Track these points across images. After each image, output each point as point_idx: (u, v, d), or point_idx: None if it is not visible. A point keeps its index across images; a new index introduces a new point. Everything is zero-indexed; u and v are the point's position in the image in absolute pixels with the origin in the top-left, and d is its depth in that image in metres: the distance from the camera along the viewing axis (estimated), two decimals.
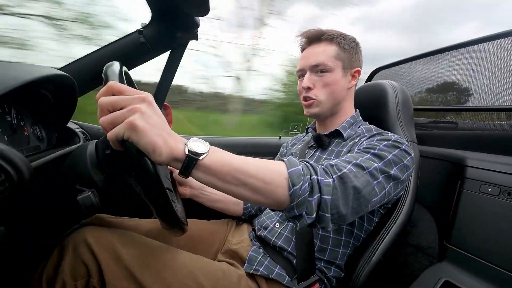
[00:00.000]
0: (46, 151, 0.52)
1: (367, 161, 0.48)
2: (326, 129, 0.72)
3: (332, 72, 0.64)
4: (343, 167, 0.45)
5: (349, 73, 0.67)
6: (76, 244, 0.50)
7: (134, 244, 0.54)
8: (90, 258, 0.50)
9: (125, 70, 0.53)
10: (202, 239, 0.74)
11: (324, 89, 0.66)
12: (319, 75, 0.65)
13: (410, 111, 0.77)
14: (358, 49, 0.68)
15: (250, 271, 0.62)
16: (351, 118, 0.70)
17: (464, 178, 0.73)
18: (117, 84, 0.35)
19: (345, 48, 0.65)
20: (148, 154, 0.35)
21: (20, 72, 0.45)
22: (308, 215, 0.41)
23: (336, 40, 0.65)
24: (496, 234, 0.64)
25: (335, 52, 0.64)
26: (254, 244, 0.71)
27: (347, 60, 0.66)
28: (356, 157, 0.49)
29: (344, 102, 0.69)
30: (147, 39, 0.79)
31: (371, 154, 0.51)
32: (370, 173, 0.47)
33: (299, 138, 0.88)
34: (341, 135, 0.68)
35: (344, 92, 0.68)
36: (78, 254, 0.50)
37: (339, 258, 0.63)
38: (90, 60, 0.79)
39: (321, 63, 0.64)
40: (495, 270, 0.62)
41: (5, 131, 0.49)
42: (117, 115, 0.34)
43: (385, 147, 0.53)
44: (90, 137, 0.85)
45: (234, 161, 0.39)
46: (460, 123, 1.00)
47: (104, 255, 0.50)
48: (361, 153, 0.52)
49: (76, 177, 0.51)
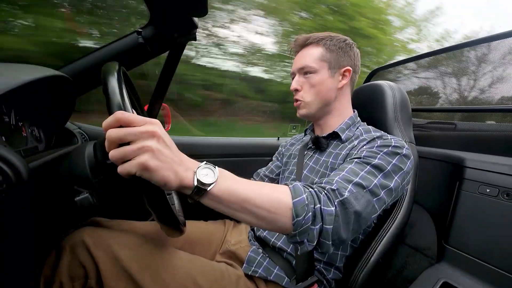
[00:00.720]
0: (44, 152, 0.52)
1: (367, 178, 0.49)
2: (323, 131, 0.72)
3: (317, 73, 0.66)
4: (344, 190, 0.46)
5: (337, 73, 0.68)
6: (73, 245, 0.50)
7: (132, 245, 0.54)
8: (87, 259, 0.50)
9: (124, 71, 0.53)
10: (200, 240, 0.74)
11: (311, 90, 0.67)
12: (306, 76, 0.68)
13: (408, 111, 0.77)
14: (348, 48, 0.68)
15: (249, 272, 0.62)
16: (349, 119, 0.70)
17: (462, 179, 0.73)
18: (124, 114, 0.35)
19: (331, 49, 0.67)
20: (159, 186, 0.36)
21: (18, 73, 0.45)
22: (309, 242, 0.43)
23: (322, 42, 0.67)
24: (495, 235, 0.64)
25: (320, 54, 0.66)
26: (253, 244, 0.71)
27: (334, 61, 0.67)
28: (356, 172, 0.50)
29: (336, 102, 0.70)
30: (145, 40, 0.79)
31: (371, 166, 0.51)
32: (370, 191, 0.48)
33: (298, 139, 0.88)
34: (339, 137, 0.68)
35: (333, 92, 0.68)
36: (75, 255, 0.50)
37: (338, 260, 0.62)
38: (88, 60, 0.79)
39: (305, 65, 0.67)
40: (494, 271, 0.62)
41: (3, 132, 0.49)
42: (128, 152, 0.34)
43: (385, 155, 0.53)
44: (88, 138, 0.85)
45: (241, 191, 0.40)
46: (459, 124, 1.01)
47: (101, 256, 0.50)
48: (361, 165, 0.52)
49: (74, 178, 0.51)
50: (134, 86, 0.68)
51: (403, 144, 0.57)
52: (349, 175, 0.49)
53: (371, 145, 0.58)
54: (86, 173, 0.51)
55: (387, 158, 0.53)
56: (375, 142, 0.58)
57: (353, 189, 0.46)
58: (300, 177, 0.70)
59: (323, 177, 0.62)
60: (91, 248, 0.50)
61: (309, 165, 0.70)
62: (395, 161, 0.53)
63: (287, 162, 0.81)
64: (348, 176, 0.49)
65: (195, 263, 0.58)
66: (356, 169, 0.51)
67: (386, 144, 0.56)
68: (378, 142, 0.58)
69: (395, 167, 0.52)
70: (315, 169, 0.67)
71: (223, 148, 1.19)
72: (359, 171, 0.50)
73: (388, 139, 0.58)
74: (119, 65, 0.46)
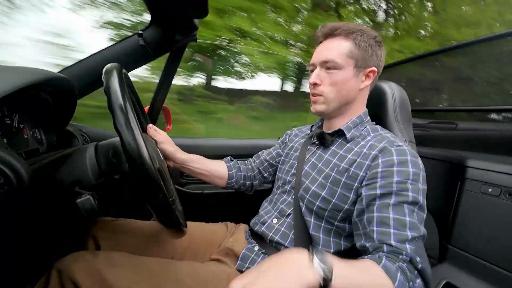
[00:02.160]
0: (45, 154, 0.52)
1: (412, 223, 0.49)
2: (330, 128, 0.69)
3: (342, 70, 0.61)
4: (414, 255, 0.46)
5: (362, 72, 0.62)
6: (60, 271, 0.50)
7: (121, 264, 0.54)
8: (71, 287, 0.49)
9: (125, 73, 0.54)
10: (201, 241, 0.74)
11: (332, 87, 0.62)
12: (328, 72, 0.62)
13: (408, 111, 0.77)
14: (377, 47, 0.63)
15: (242, 269, 0.63)
16: (357, 118, 0.66)
17: (464, 178, 0.73)
18: None
19: (361, 46, 0.60)
20: None
21: (19, 75, 0.45)
22: None
23: (351, 36, 0.60)
24: (497, 235, 0.63)
25: (348, 49, 0.60)
26: (249, 242, 0.71)
27: (361, 59, 0.61)
28: (402, 221, 0.49)
29: (354, 103, 0.66)
30: (146, 42, 0.80)
31: (408, 204, 0.51)
32: (423, 236, 0.50)
33: (304, 131, 0.85)
34: (344, 135, 0.65)
35: (354, 92, 0.64)
36: (60, 281, 0.50)
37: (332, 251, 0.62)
38: (89, 62, 0.79)
39: (330, 59, 0.61)
40: (496, 271, 0.61)
41: (4, 134, 0.49)
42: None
43: (411, 186, 0.52)
44: (89, 140, 0.85)
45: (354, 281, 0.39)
46: (460, 123, 1.01)
47: (86, 281, 0.50)
48: (399, 206, 0.51)
49: (75, 180, 0.51)
50: (135, 88, 0.68)
51: (417, 158, 0.56)
52: (399, 231, 0.49)
53: (389, 170, 0.54)
54: (87, 175, 0.51)
55: (415, 187, 0.52)
56: (393, 168, 0.54)
57: (413, 246, 0.47)
58: (300, 173, 0.68)
59: (327, 178, 0.62)
60: (76, 274, 0.49)
61: (311, 161, 0.69)
62: (421, 185, 0.53)
63: (288, 154, 0.79)
64: (400, 234, 0.48)
65: (184, 269, 0.58)
66: (399, 217, 0.50)
67: (406, 172, 0.53)
68: (397, 167, 0.54)
69: (423, 191, 0.53)
70: (318, 167, 0.66)
71: (223, 149, 1.19)
72: (402, 217, 0.50)
73: (406, 164, 0.54)
74: (120, 67, 0.46)
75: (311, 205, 0.62)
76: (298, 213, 0.65)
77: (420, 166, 0.55)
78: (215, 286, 0.57)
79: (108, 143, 0.56)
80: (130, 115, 0.40)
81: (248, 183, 0.86)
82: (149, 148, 0.43)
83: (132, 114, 0.41)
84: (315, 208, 0.62)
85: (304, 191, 0.64)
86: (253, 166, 0.87)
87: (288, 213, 0.67)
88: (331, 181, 0.61)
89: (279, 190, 0.76)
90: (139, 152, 0.39)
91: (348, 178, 0.58)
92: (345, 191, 0.58)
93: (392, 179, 0.53)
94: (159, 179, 0.41)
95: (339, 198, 0.59)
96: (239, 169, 0.85)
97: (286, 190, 0.72)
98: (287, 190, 0.72)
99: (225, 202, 1.19)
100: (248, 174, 0.86)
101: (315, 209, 0.62)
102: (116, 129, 0.39)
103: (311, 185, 0.63)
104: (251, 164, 0.88)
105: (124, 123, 0.39)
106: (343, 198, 0.58)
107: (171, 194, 0.57)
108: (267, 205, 0.76)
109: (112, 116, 0.40)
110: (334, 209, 0.59)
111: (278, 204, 0.72)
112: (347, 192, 0.58)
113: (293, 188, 0.70)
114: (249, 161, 0.89)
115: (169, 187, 0.56)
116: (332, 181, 0.60)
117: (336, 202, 0.59)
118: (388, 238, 0.48)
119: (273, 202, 0.75)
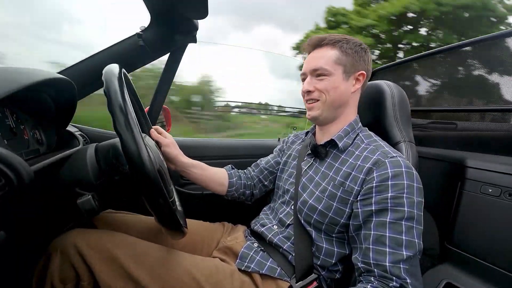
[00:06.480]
0: (46, 155, 0.52)
1: (408, 241, 0.50)
2: (324, 136, 0.71)
3: (332, 76, 0.64)
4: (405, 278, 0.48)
5: (352, 76, 0.66)
6: (64, 248, 0.50)
7: (126, 244, 0.55)
8: (79, 261, 0.50)
9: (124, 73, 0.54)
10: (200, 237, 0.76)
11: (324, 92, 0.65)
12: (318, 78, 0.65)
13: (407, 111, 0.76)
14: (363, 52, 0.66)
15: (242, 268, 0.64)
16: (348, 126, 0.68)
17: (464, 179, 0.73)
18: None
19: (347, 52, 0.64)
20: None
21: (19, 76, 0.45)
22: None
23: (338, 44, 0.64)
24: (498, 235, 0.63)
25: (335, 57, 0.64)
26: (248, 240, 0.72)
27: (350, 64, 0.64)
28: (397, 240, 0.50)
29: (347, 107, 0.68)
30: (146, 42, 0.80)
31: (405, 221, 0.51)
32: (419, 252, 0.51)
33: (300, 137, 0.87)
34: (337, 145, 0.66)
35: (346, 96, 0.66)
36: (66, 257, 0.50)
37: (337, 260, 0.63)
38: (89, 63, 0.79)
39: (319, 67, 0.64)
40: (497, 272, 0.61)
41: (5, 135, 0.49)
42: None
43: (406, 200, 0.52)
44: (89, 140, 0.85)
45: None
46: (460, 123, 1.00)
47: (95, 256, 0.50)
48: (396, 224, 0.51)
49: (75, 181, 0.51)
50: (134, 89, 0.69)
51: (411, 169, 0.55)
52: (395, 250, 0.49)
53: (386, 184, 0.54)
54: (87, 175, 0.51)
55: (410, 201, 0.52)
56: (388, 182, 0.54)
57: (407, 266, 0.48)
58: (298, 185, 0.70)
59: (323, 192, 0.62)
60: (83, 250, 0.50)
61: (308, 173, 0.70)
62: (417, 199, 0.53)
63: (286, 162, 0.81)
64: (395, 253, 0.49)
65: (189, 259, 0.60)
66: (395, 236, 0.50)
67: (400, 186, 0.53)
68: (392, 181, 0.54)
69: (419, 205, 0.53)
70: (314, 180, 0.67)
71: (224, 149, 1.19)
72: (399, 236, 0.50)
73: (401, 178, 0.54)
74: (120, 67, 0.46)
75: (308, 218, 0.64)
76: (298, 224, 0.66)
77: (415, 177, 0.55)
78: (218, 279, 0.58)
79: (108, 144, 0.56)
80: (130, 116, 0.40)
81: (248, 192, 0.86)
82: (149, 149, 0.43)
83: (132, 115, 0.41)
84: (312, 221, 0.63)
85: (302, 204, 0.65)
86: (252, 175, 0.88)
87: (288, 224, 0.69)
88: (327, 195, 0.61)
89: (279, 199, 0.77)
90: (139, 153, 0.39)
91: (343, 193, 0.59)
92: (341, 205, 0.59)
93: (387, 194, 0.53)
94: (159, 180, 0.41)
95: (335, 212, 0.60)
96: (239, 177, 0.85)
97: (286, 201, 0.74)
98: (286, 200, 0.73)
99: (224, 203, 1.19)
100: (248, 183, 0.86)
101: (312, 222, 0.63)
102: (116, 130, 0.39)
103: (308, 198, 0.64)
104: (251, 173, 0.89)
105: (124, 124, 0.39)
106: (339, 212, 0.59)
107: (170, 195, 0.57)
108: (268, 212, 0.78)
109: (112, 117, 0.40)
110: (331, 223, 0.61)
111: (278, 214, 0.73)
112: (343, 206, 0.59)
113: (292, 199, 0.71)
114: (248, 170, 0.90)
115: (168, 188, 0.56)
116: (328, 195, 0.61)
117: (332, 216, 0.60)
118: (383, 258, 0.49)
119: (274, 211, 0.76)
